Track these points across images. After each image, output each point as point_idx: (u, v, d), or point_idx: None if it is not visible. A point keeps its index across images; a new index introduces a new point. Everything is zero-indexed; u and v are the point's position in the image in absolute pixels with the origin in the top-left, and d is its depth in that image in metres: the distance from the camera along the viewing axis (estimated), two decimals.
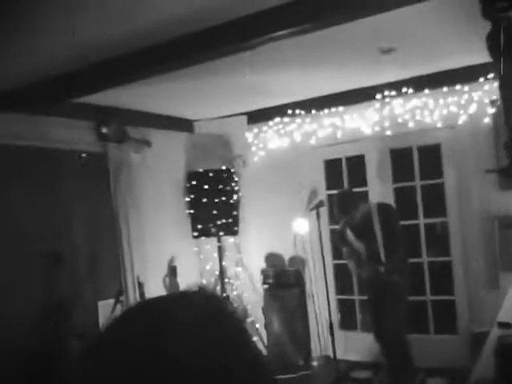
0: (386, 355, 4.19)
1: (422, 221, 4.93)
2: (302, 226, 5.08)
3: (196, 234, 5.43)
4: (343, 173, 5.32)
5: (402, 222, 4.67)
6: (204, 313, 0.58)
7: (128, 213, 4.85)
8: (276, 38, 3.04)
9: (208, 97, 4.85)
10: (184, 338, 0.54)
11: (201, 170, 5.53)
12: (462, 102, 4.59)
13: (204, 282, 5.39)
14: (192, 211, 5.45)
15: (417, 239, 4.92)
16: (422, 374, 4.52)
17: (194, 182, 5.48)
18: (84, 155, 4.65)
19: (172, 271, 5.25)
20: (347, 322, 5.35)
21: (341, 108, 5.16)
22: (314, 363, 5.15)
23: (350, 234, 4.23)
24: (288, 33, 2.97)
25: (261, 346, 5.46)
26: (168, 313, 0.57)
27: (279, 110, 5.40)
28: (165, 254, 5.31)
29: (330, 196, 5.27)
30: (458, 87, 4.55)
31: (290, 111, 5.30)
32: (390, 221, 4.09)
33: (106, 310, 4.48)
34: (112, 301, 4.47)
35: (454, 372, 4.14)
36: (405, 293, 4.11)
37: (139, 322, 0.56)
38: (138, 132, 5.05)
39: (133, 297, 4.67)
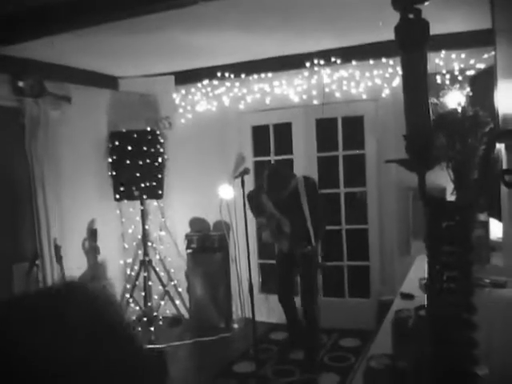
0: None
1: (342, 190, 5.11)
2: (228, 191, 5.08)
3: (118, 196, 5.28)
4: (270, 140, 5.35)
5: (324, 191, 4.81)
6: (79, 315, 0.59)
7: (44, 172, 4.59)
8: None
9: (135, 53, 4.62)
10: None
11: (124, 130, 5.33)
12: (387, 75, 4.72)
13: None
14: (114, 173, 5.26)
15: (337, 207, 5.10)
16: (335, 335, 4.77)
17: (116, 143, 5.27)
18: None
19: (92, 234, 5.09)
20: (268, 286, 5.50)
21: (270, 74, 5.14)
22: (235, 325, 5.28)
23: (268, 204, 4.14)
24: None
25: (183, 310, 5.49)
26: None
27: (208, 72, 5.27)
28: (85, 217, 5.14)
29: (256, 163, 5.31)
30: (383, 60, 4.66)
31: (219, 74, 5.20)
32: (315, 196, 4.06)
33: (22, 274, 4.31)
34: (27, 264, 4.31)
35: (365, 333, 4.40)
36: (318, 262, 4.21)
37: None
38: (57, 87, 4.75)
39: (49, 260, 4.49)
